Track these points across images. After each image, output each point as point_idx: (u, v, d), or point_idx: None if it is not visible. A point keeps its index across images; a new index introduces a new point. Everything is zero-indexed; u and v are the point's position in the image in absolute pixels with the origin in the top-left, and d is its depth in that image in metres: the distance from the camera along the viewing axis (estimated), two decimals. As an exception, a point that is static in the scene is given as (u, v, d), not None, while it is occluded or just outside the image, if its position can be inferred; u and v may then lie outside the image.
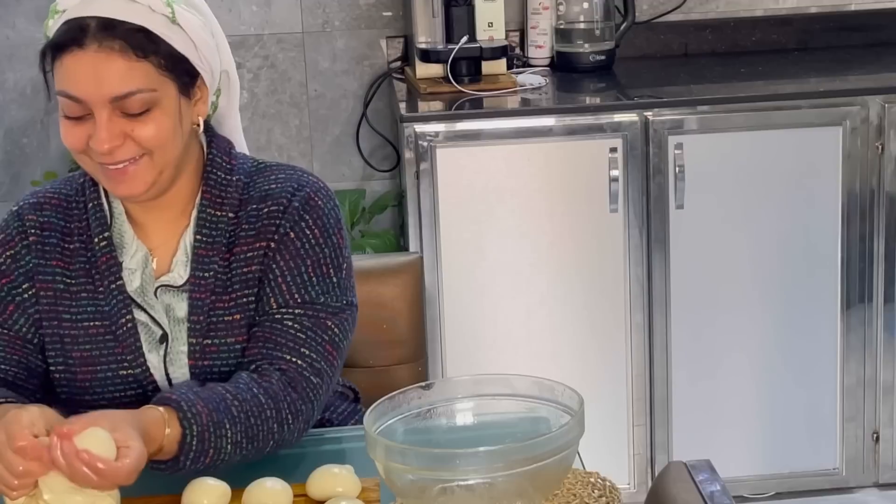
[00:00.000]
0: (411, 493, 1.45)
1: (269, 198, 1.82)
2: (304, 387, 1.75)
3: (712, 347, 3.25)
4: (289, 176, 1.86)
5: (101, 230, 1.82)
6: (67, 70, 1.71)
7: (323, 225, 1.82)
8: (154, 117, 1.72)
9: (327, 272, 1.81)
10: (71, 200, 1.86)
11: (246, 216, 1.82)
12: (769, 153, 3.17)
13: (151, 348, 1.81)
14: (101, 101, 1.70)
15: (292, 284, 1.79)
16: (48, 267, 1.82)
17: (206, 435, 1.64)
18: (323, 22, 3.65)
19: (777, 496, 3.35)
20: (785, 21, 3.71)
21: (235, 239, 1.81)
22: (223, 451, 1.66)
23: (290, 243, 1.80)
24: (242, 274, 1.80)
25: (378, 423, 1.50)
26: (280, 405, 1.71)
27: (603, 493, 1.58)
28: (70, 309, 1.81)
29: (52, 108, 3.65)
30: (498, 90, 3.29)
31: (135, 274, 1.81)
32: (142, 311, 1.81)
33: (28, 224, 1.84)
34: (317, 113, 3.70)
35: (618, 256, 3.17)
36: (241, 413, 1.68)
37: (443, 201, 3.12)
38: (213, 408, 1.66)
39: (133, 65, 1.70)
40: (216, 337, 1.80)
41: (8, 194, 3.69)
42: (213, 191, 1.83)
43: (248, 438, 1.68)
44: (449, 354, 3.19)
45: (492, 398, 1.57)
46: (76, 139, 1.75)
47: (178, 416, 1.63)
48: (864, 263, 3.22)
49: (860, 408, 3.30)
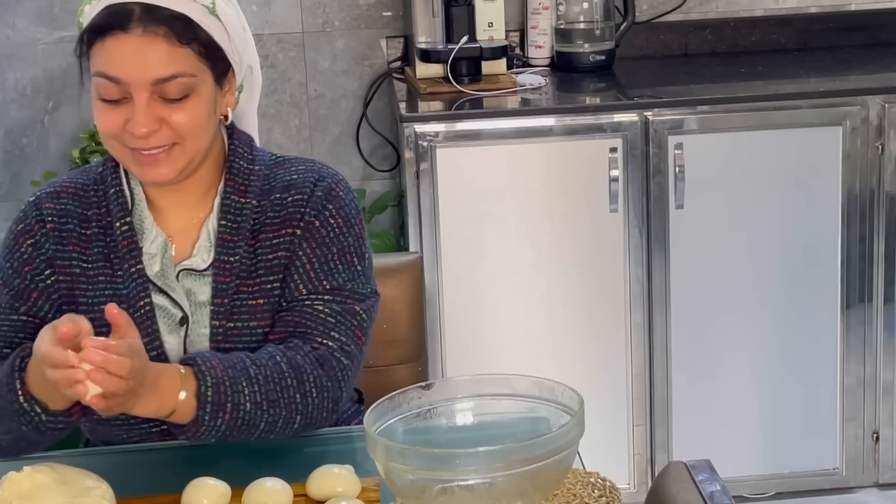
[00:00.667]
0: (411, 493, 1.45)
1: (292, 187, 1.87)
2: (332, 366, 1.78)
3: (712, 347, 3.25)
4: (309, 167, 1.91)
5: (123, 215, 1.85)
6: (110, 52, 1.74)
7: (345, 214, 1.88)
8: (191, 104, 1.77)
9: (351, 260, 1.86)
10: (88, 189, 1.89)
11: (270, 205, 1.86)
12: (769, 153, 3.17)
13: (171, 330, 1.84)
14: (143, 83, 1.73)
15: (320, 271, 1.84)
16: (65, 252, 1.85)
17: (222, 388, 1.68)
18: (323, 22, 3.64)
19: (777, 496, 3.35)
20: (785, 21, 3.71)
21: (260, 226, 1.85)
22: (243, 410, 1.69)
23: (316, 231, 1.85)
24: (267, 260, 1.84)
25: (378, 423, 1.50)
26: (304, 377, 1.75)
27: (603, 493, 1.58)
28: (87, 293, 1.84)
29: (52, 108, 3.65)
30: (498, 90, 3.29)
31: (154, 259, 1.84)
32: (161, 294, 1.84)
33: (46, 212, 1.87)
34: (317, 113, 3.70)
35: (618, 256, 3.17)
36: (260, 375, 1.71)
37: (443, 201, 3.12)
38: (229, 365, 1.70)
39: (175, 50, 1.75)
40: (239, 320, 1.83)
41: (8, 194, 3.69)
42: (236, 178, 1.87)
43: (269, 402, 1.71)
44: (449, 354, 3.19)
45: (492, 398, 1.57)
46: (112, 123, 1.77)
47: (194, 370, 1.68)
48: (864, 263, 3.22)
49: (860, 408, 3.30)
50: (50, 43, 3.62)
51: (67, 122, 3.65)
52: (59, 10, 3.60)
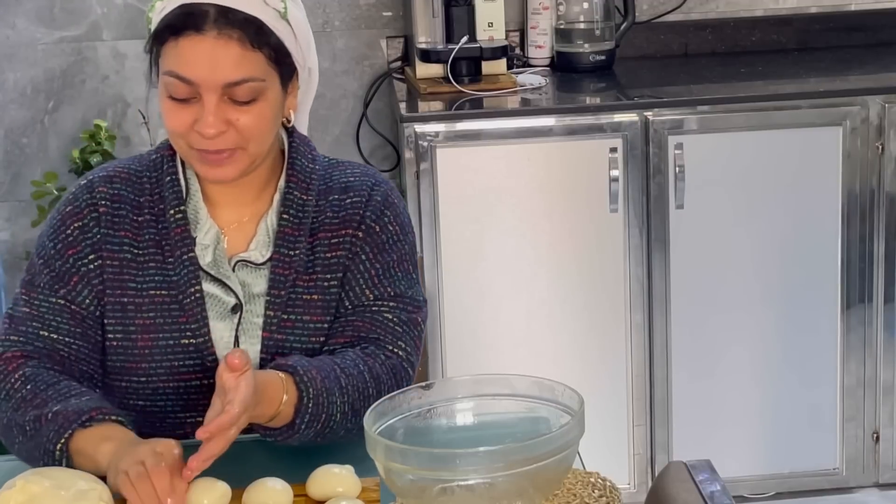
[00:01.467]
0: (411, 493, 1.45)
1: (350, 189, 1.90)
2: (402, 376, 1.83)
3: (712, 347, 3.25)
4: (363, 171, 1.95)
5: (177, 203, 1.86)
6: (183, 52, 1.75)
7: (401, 222, 1.92)
8: (259, 108, 1.78)
9: (408, 268, 1.91)
10: (142, 175, 1.90)
11: (328, 205, 1.89)
12: (769, 153, 3.17)
13: (223, 317, 1.85)
14: (214, 85, 1.75)
15: (384, 277, 1.87)
16: (116, 237, 1.86)
17: (321, 399, 1.71)
18: (323, 22, 3.64)
19: (777, 496, 3.35)
20: (785, 21, 3.71)
21: (319, 225, 1.88)
22: (333, 420, 1.73)
23: (376, 236, 1.88)
24: (325, 258, 1.87)
25: (378, 423, 1.50)
26: (381, 387, 1.78)
27: (603, 493, 1.58)
28: (136, 277, 1.85)
29: (52, 108, 3.65)
30: (498, 90, 3.29)
31: (207, 250, 1.86)
32: (213, 282, 1.85)
33: (98, 196, 1.87)
34: (317, 113, 3.69)
35: (618, 256, 3.17)
36: (349, 385, 1.75)
37: (443, 201, 3.12)
38: (325, 375, 1.73)
39: (247, 54, 1.76)
40: (293, 313, 1.85)
41: (8, 194, 3.69)
42: (298, 175, 1.89)
43: (354, 412, 1.74)
44: (449, 354, 3.19)
45: (492, 398, 1.57)
46: (180, 122, 1.78)
47: (295, 379, 1.70)
48: (864, 264, 3.22)
49: (860, 408, 3.30)
50: (50, 43, 3.62)
51: (67, 122, 3.65)
52: (59, 10, 3.60)
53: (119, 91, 3.65)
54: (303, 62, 1.88)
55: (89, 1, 3.59)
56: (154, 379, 1.85)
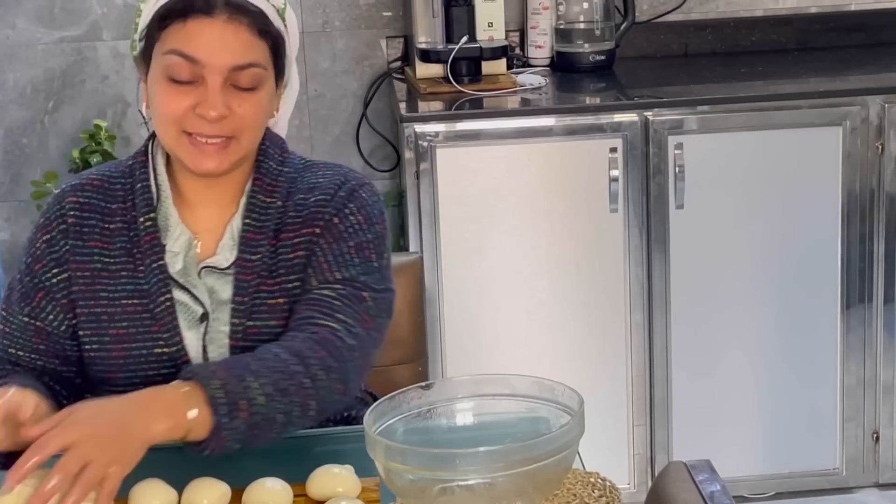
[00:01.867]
0: (411, 493, 1.45)
1: (316, 189, 1.88)
2: (336, 346, 1.74)
3: (712, 347, 3.25)
4: (336, 172, 1.92)
5: (147, 210, 1.85)
6: (192, 32, 1.76)
7: (367, 213, 1.88)
8: (258, 97, 1.79)
9: (369, 256, 1.85)
10: (114, 182, 1.89)
11: (294, 205, 1.86)
12: (769, 153, 3.17)
13: (191, 326, 1.83)
14: (221, 67, 1.75)
15: (333, 263, 1.83)
16: (85, 248, 1.85)
17: (230, 387, 1.61)
18: (323, 22, 3.65)
19: (777, 496, 3.35)
20: (785, 21, 3.71)
21: (282, 226, 1.86)
22: (256, 404, 1.63)
23: (334, 227, 1.85)
24: (288, 260, 1.84)
25: (378, 423, 1.50)
26: (307, 361, 1.70)
27: (603, 493, 1.58)
28: (108, 287, 1.84)
29: (52, 108, 3.65)
30: (498, 90, 3.29)
31: (177, 257, 1.84)
32: (182, 290, 1.83)
33: (67, 206, 1.87)
34: (317, 113, 3.70)
35: (618, 256, 3.17)
36: (262, 368, 1.66)
37: (443, 201, 3.12)
38: (230, 365, 1.66)
39: (254, 40, 1.78)
40: (259, 319, 1.83)
41: (8, 194, 3.69)
42: (264, 178, 1.87)
43: (280, 391, 1.65)
44: (449, 354, 3.19)
45: (492, 398, 1.57)
46: (178, 105, 1.77)
47: (195, 381, 1.61)
48: (864, 264, 3.22)
49: (860, 408, 3.30)
50: (50, 43, 3.62)
51: (67, 122, 3.65)
52: (59, 10, 3.60)
53: (119, 91, 3.65)
54: (290, 64, 1.89)
55: (89, 1, 3.60)
56: (131, 388, 1.77)
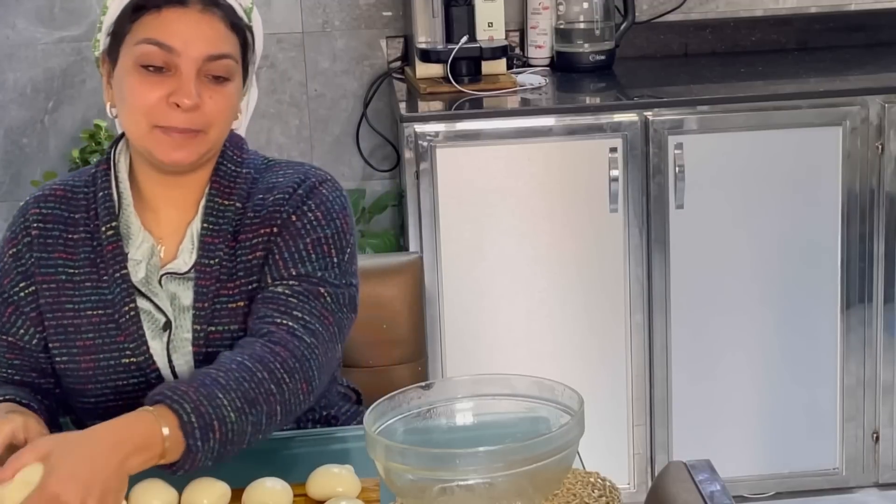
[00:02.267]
0: (411, 493, 1.45)
1: (275, 188, 1.85)
2: (295, 345, 1.71)
3: (712, 347, 3.25)
4: (296, 170, 1.89)
5: (109, 219, 1.83)
6: (166, 21, 1.76)
7: (326, 209, 1.84)
8: (228, 90, 1.79)
9: (328, 251, 1.82)
10: (78, 191, 1.87)
11: (252, 206, 1.84)
12: (769, 153, 3.17)
13: (155, 336, 1.82)
14: (196, 56, 1.75)
15: (289, 260, 1.80)
16: (50, 260, 1.84)
17: (202, 409, 1.58)
18: (323, 22, 3.64)
19: (777, 496, 3.35)
20: (785, 21, 3.71)
21: (241, 227, 1.83)
22: (228, 421, 1.60)
23: (291, 225, 1.82)
24: (247, 261, 1.82)
25: (378, 423, 1.50)
26: (270, 365, 1.67)
27: (603, 493, 1.58)
28: (73, 298, 1.83)
29: (52, 108, 3.65)
30: (498, 90, 3.29)
31: (140, 265, 1.82)
32: (145, 299, 1.82)
33: (31, 219, 1.86)
34: (317, 113, 3.70)
35: (618, 256, 3.17)
36: (231, 381, 1.63)
37: (443, 201, 3.12)
38: (199, 383, 1.61)
39: (228, 32, 1.80)
40: (220, 324, 1.81)
41: (8, 194, 3.69)
42: (221, 181, 1.85)
43: (249, 402, 1.62)
44: (449, 354, 3.19)
45: (492, 398, 1.57)
46: (151, 95, 1.75)
47: (167, 404, 1.58)
48: (864, 263, 3.22)
49: (860, 408, 3.30)
50: (50, 43, 3.62)
51: (67, 122, 3.65)
52: (59, 10, 3.60)
53: (119, 91, 3.65)
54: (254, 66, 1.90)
55: (89, 1, 3.60)
56: (103, 399, 1.82)
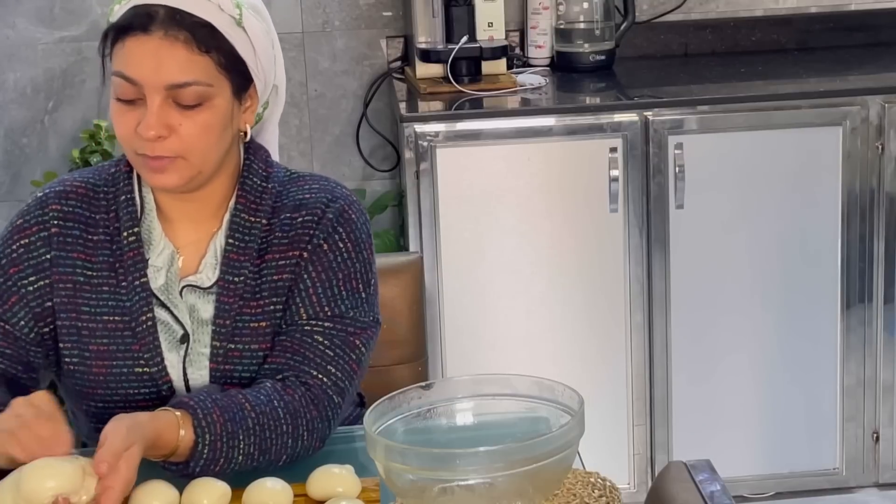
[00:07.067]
0: (411, 493, 1.45)
1: (302, 207, 1.83)
2: (325, 405, 1.75)
3: (712, 347, 3.25)
4: (322, 186, 1.86)
5: (131, 224, 1.81)
6: (129, 52, 1.73)
7: (355, 239, 1.83)
8: (204, 115, 1.73)
9: (356, 287, 1.82)
10: (98, 190, 1.85)
11: (279, 224, 1.82)
12: (769, 153, 3.17)
13: (171, 347, 1.81)
14: (158, 86, 1.71)
15: (323, 297, 1.80)
16: (68, 259, 1.81)
17: (219, 444, 1.64)
18: (323, 22, 3.65)
19: (777, 496, 3.35)
20: (785, 21, 3.71)
21: (268, 246, 1.81)
22: (234, 462, 1.67)
23: (323, 255, 1.81)
24: (272, 282, 1.81)
25: (378, 423, 1.50)
26: (298, 421, 1.71)
27: (603, 493, 1.58)
28: (90, 301, 1.80)
29: (52, 108, 3.65)
30: (498, 90, 3.29)
31: (160, 272, 1.81)
32: (164, 309, 1.80)
33: (51, 214, 1.83)
34: (317, 113, 3.70)
35: (618, 256, 3.17)
36: (257, 426, 1.68)
37: (443, 201, 3.12)
38: (229, 417, 1.65)
39: (194, 57, 1.72)
40: (240, 342, 1.80)
41: (8, 194, 3.69)
42: (248, 196, 1.83)
43: (262, 451, 1.68)
44: (449, 354, 3.19)
45: (492, 398, 1.57)
46: (124, 124, 1.74)
47: (193, 422, 1.63)
48: (864, 263, 3.22)
49: (860, 408, 3.30)
50: (50, 43, 3.62)
51: (67, 122, 3.65)
52: (59, 10, 3.60)
53: (119, 91, 3.65)
54: (262, 76, 1.81)
55: (89, 1, 3.60)
56: (111, 405, 1.81)
